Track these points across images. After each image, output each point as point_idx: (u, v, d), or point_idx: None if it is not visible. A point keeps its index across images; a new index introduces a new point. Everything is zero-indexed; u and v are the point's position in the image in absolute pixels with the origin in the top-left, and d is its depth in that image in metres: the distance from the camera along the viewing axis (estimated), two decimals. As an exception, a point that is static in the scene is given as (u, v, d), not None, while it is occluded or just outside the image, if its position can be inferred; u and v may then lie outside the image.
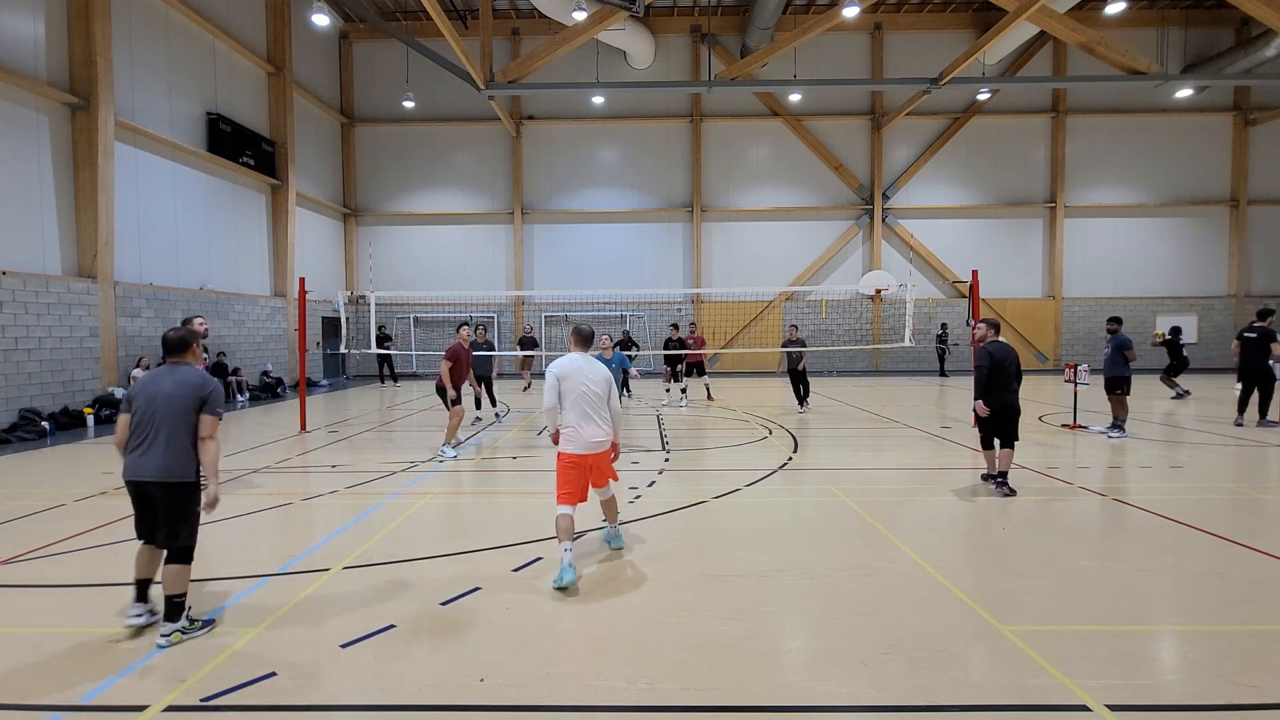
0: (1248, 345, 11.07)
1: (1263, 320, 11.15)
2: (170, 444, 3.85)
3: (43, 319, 12.23)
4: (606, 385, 4.96)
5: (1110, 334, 10.70)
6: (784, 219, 24.67)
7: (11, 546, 5.47)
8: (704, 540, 5.57)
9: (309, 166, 21.95)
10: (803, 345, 13.92)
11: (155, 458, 3.83)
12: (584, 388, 4.84)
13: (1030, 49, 23.62)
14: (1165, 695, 3.18)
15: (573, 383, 4.85)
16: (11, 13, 11.98)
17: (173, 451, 3.86)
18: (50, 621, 4.10)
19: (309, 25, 20.82)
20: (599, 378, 4.93)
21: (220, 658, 3.57)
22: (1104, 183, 24.64)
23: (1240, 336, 11.25)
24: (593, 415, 4.85)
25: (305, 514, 6.58)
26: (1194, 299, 24.67)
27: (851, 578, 4.66)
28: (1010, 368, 7.00)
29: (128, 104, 14.38)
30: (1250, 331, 11.08)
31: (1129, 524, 5.95)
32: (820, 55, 23.62)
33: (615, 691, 3.25)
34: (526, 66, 18.32)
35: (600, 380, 4.92)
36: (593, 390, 4.87)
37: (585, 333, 5.12)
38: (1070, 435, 10.58)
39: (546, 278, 24.61)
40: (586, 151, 24.73)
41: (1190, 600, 4.32)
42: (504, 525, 6.08)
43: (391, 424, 12.82)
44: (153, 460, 3.83)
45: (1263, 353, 10.90)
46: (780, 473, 8.11)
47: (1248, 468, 8.31)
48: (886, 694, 3.20)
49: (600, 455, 4.94)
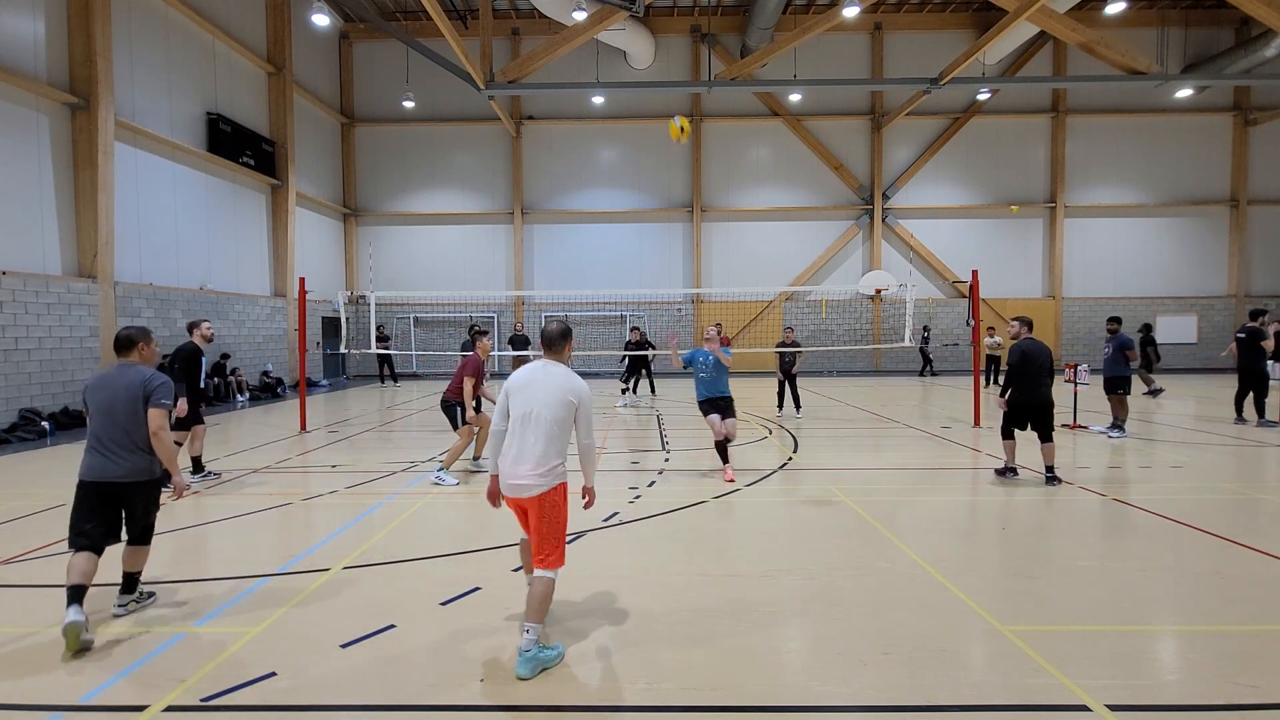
0: (1241, 345, 11.28)
1: (1254, 320, 11.36)
2: (134, 444, 3.98)
3: (43, 319, 12.23)
4: (564, 408, 3.62)
5: (1111, 334, 10.82)
6: (784, 219, 24.68)
7: (11, 546, 5.47)
8: (704, 540, 5.57)
9: (309, 166, 21.95)
10: (797, 347, 13.95)
11: (121, 459, 3.95)
12: (529, 408, 3.63)
13: (1030, 49, 23.62)
14: (1165, 695, 3.18)
15: (520, 399, 3.67)
16: (11, 13, 11.97)
17: (137, 451, 3.99)
18: (50, 621, 4.10)
19: (309, 25, 20.82)
20: (554, 398, 3.62)
21: (220, 658, 3.57)
22: (1104, 183, 24.64)
23: (1235, 337, 11.44)
24: (527, 445, 3.58)
25: (305, 514, 6.58)
26: (1194, 299, 24.67)
27: (851, 578, 4.66)
28: (1042, 363, 7.26)
29: (128, 104, 14.38)
30: (1242, 332, 11.32)
31: (1129, 524, 5.95)
32: (820, 55, 23.62)
33: (615, 691, 3.25)
34: (526, 66, 18.32)
35: (554, 401, 3.61)
36: (540, 412, 3.60)
37: (550, 334, 3.86)
38: (1070, 435, 10.57)
39: (546, 278, 24.61)
40: (586, 151, 24.73)
41: (1190, 600, 4.32)
42: (504, 525, 6.07)
43: (391, 424, 12.82)
44: (120, 462, 3.95)
45: (1254, 352, 11.03)
46: (780, 473, 8.12)
47: (1248, 468, 8.31)
48: (886, 694, 3.19)
49: (530, 501, 3.58)
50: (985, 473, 8.10)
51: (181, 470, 4.24)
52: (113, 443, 3.95)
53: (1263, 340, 11.01)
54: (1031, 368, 7.22)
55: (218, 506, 6.67)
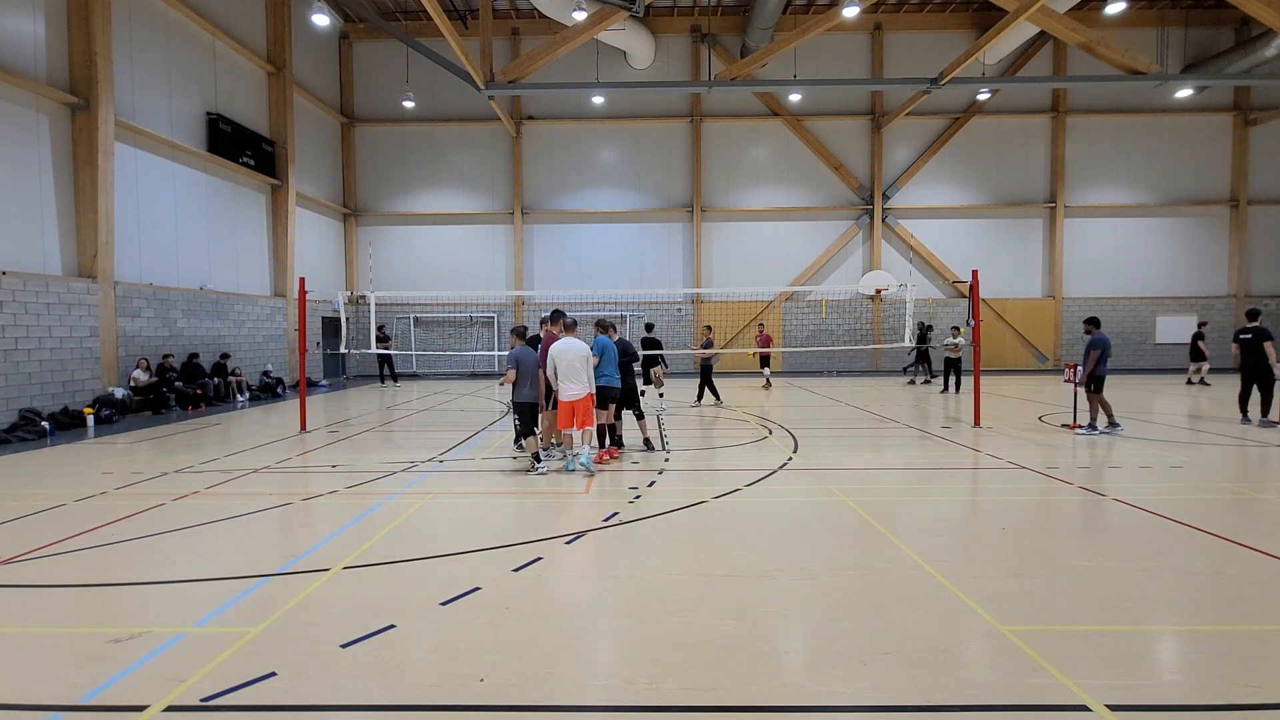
0: (1244, 346, 11.29)
1: (1253, 320, 11.42)
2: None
3: (43, 319, 12.23)
4: (581, 359, 8.00)
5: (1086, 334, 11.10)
6: (784, 219, 24.68)
7: (11, 546, 5.47)
8: (704, 540, 5.57)
9: (309, 166, 21.95)
10: (711, 346, 15.72)
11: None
12: (569, 361, 7.96)
13: (1030, 49, 23.63)
14: (1165, 695, 3.18)
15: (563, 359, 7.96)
16: (11, 13, 11.98)
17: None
18: (50, 621, 4.10)
19: (309, 25, 20.84)
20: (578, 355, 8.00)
21: (220, 658, 3.57)
22: (1104, 183, 24.65)
23: (1237, 339, 11.44)
24: (571, 378, 7.94)
25: (305, 514, 6.58)
26: (1194, 299, 24.67)
27: (851, 578, 4.66)
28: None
29: (128, 104, 14.38)
30: (1245, 333, 11.32)
31: (1129, 524, 5.95)
32: (820, 55, 23.63)
33: (615, 691, 3.25)
34: (526, 66, 18.32)
35: (576, 355, 7.99)
36: (574, 363, 7.97)
37: (568, 323, 8.31)
38: (1070, 435, 10.59)
39: (546, 278, 24.62)
40: (586, 151, 24.74)
41: (1190, 600, 4.31)
42: (504, 525, 6.08)
43: (391, 424, 12.82)
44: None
45: (1260, 352, 11.07)
46: (780, 473, 8.11)
47: (1248, 468, 8.31)
48: (886, 694, 3.19)
49: (578, 402, 7.95)
50: (985, 473, 8.11)
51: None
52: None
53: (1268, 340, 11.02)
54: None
55: (218, 507, 6.67)
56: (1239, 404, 11.61)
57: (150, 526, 6.02)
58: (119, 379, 13.81)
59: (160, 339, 15.18)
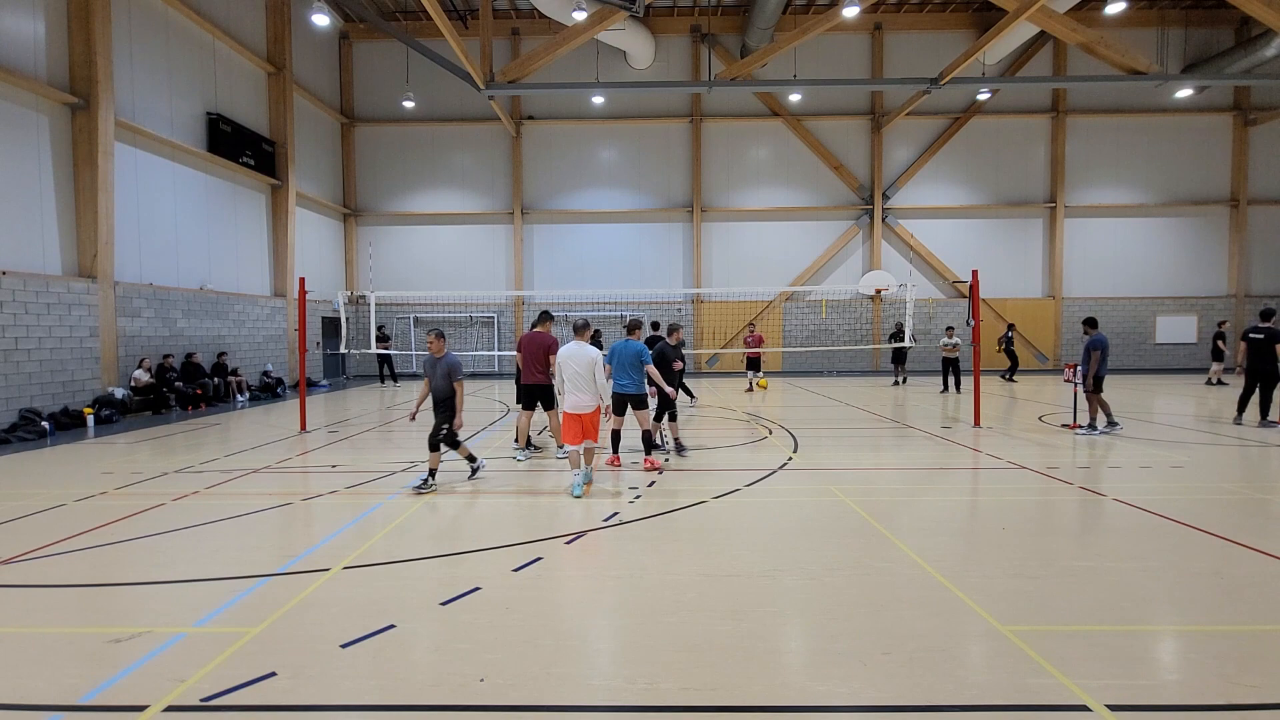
0: (1253, 345, 11.15)
1: (1267, 320, 11.20)
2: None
3: (43, 319, 12.23)
4: (587, 366, 7.05)
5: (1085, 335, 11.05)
6: (784, 219, 24.68)
7: (11, 546, 5.47)
8: (704, 540, 5.57)
9: (309, 166, 21.95)
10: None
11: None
12: (576, 368, 7.07)
13: (1030, 49, 23.62)
14: (1165, 695, 3.18)
15: (569, 365, 7.10)
16: (11, 13, 11.98)
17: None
18: (50, 621, 4.10)
19: (309, 25, 20.84)
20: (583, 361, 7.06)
21: (220, 658, 3.57)
22: (1104, 183, 24.64)
23: (1245, 337, 11.30)
24: (579, 386, 7.07)
25: (305, 514, 6.57)
26: (1194, 299, 24.67)
27: (851, 578, 4.66)
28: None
29: (128, 104, 14.38)
30: (1256, 332, 11.14)
31: (1129, 524, 5.95)
32: (820, 55, 23.63)
33: (615, 691, 3.25)
34: (526, 66, 18.32)
35: (584, 363, 7.06)
36: (579, 370, 7.07)
37: (576, 325, 7.43)
38: (1070, 435, 10.59)
39: (546, 278, 24.62)
40: (586, 151, 24.73)
41: (1190, 600, 4.31)
42: (504, 525, 6.08)
43: (391, 424, 12.82)
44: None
45: (1269, 353, 10.95)
46: (780, 473, 8.11)
47: (1248, 468, 8.31)
48: (886, 694, 3.19)
49: (587, 415, 7.09)
50: (985, 473, 8.11)
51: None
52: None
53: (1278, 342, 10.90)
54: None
55: (218, 506, 6.67)
56: (1238, 404, 11.49)
57: (150, 526, 6.02)
58: (119, 379, 13.81)
59: (160, 339, 15.18)
